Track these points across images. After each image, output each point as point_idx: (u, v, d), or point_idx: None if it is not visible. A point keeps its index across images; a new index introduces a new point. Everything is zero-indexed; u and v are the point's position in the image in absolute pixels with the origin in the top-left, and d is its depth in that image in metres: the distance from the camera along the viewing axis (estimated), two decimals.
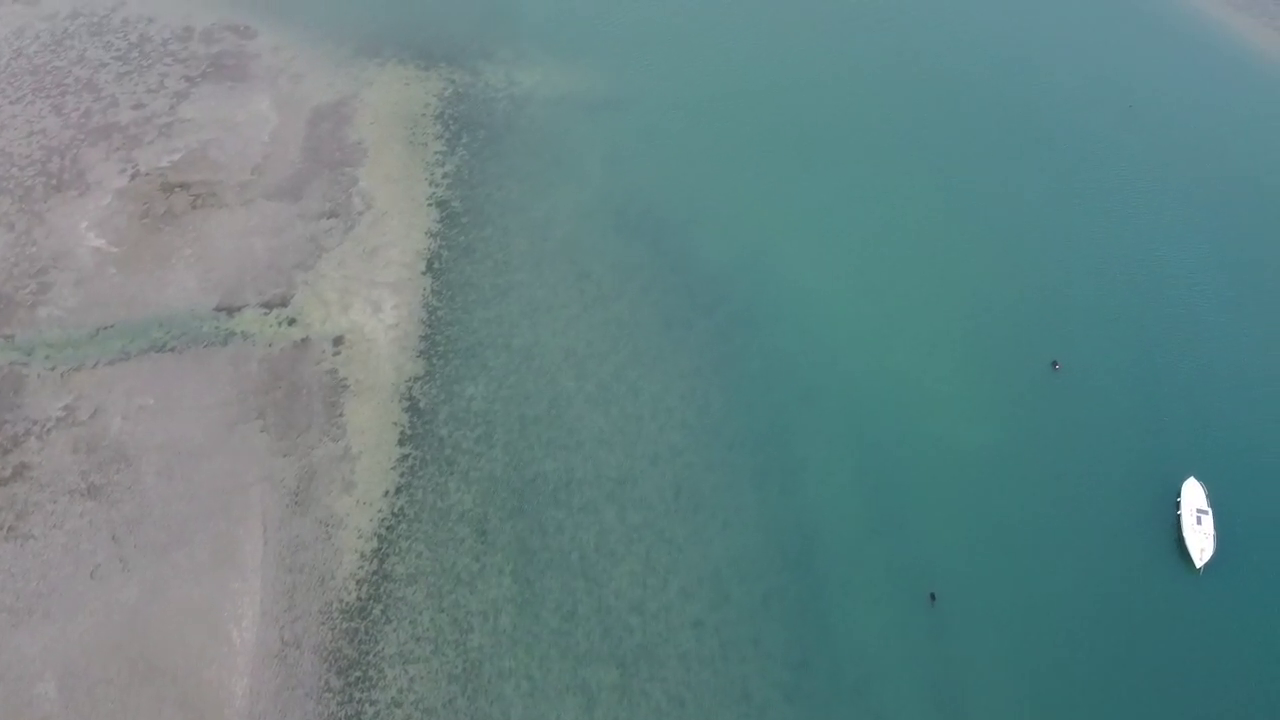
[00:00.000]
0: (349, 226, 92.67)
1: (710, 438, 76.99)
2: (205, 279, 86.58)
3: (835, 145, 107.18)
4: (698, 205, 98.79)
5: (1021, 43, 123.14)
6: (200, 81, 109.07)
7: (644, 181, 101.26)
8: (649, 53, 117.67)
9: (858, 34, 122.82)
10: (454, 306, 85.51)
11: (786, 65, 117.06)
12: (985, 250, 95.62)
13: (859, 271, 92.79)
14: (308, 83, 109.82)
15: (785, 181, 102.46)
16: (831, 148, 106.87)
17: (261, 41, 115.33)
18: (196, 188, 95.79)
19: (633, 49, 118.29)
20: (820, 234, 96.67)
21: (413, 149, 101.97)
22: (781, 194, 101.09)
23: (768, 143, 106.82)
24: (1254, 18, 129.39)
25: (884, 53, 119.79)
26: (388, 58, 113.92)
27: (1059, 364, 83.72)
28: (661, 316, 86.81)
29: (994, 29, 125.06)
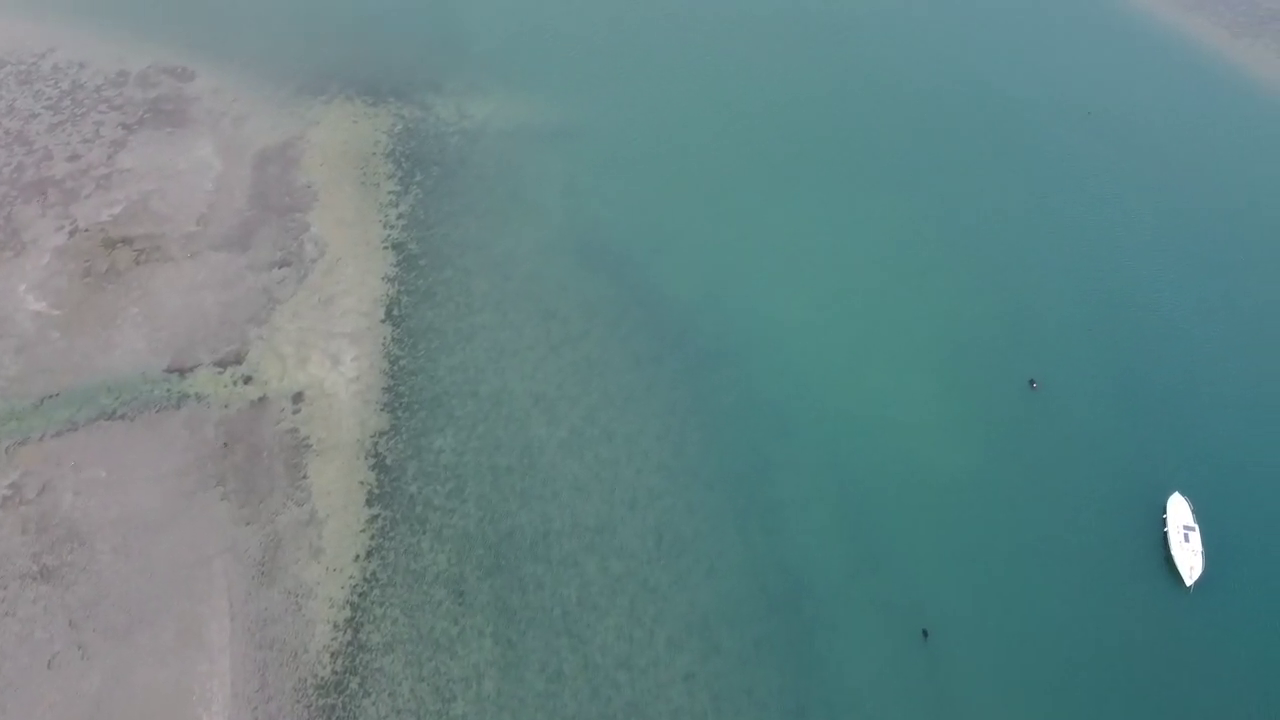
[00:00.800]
0: (302, 275, 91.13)
1: (689, 479, 76.45)
2: (154, 339, 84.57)
3: (797, 167, 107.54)
4: (662, 234, 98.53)
5: (977, 55, 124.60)
6: (138, 129, 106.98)
7: (605, 212, 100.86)
8: (604, 78, 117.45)
9: (815, 55, 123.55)
10: (417, 354, 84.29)
11: (746, 87, 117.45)
12: (955, 269, 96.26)
13: (828, 296, 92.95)
14: (251, 125, 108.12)
15: (749, 206, 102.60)
16: (793, 169, 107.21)
17: (200, 83, 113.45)
18: (140, 242, 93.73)
19: (587, 74, 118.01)
20: (787, 259, 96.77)
21: (365, 190, 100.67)
22: (745, 219, 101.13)
23: (730, 167, 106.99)
24: (1204, 18, 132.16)
25: (842, 72, 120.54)
26: (333, 94, 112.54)
27: (1036, 383, 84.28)
28: (631, 354, 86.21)
29: (949, 44, 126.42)
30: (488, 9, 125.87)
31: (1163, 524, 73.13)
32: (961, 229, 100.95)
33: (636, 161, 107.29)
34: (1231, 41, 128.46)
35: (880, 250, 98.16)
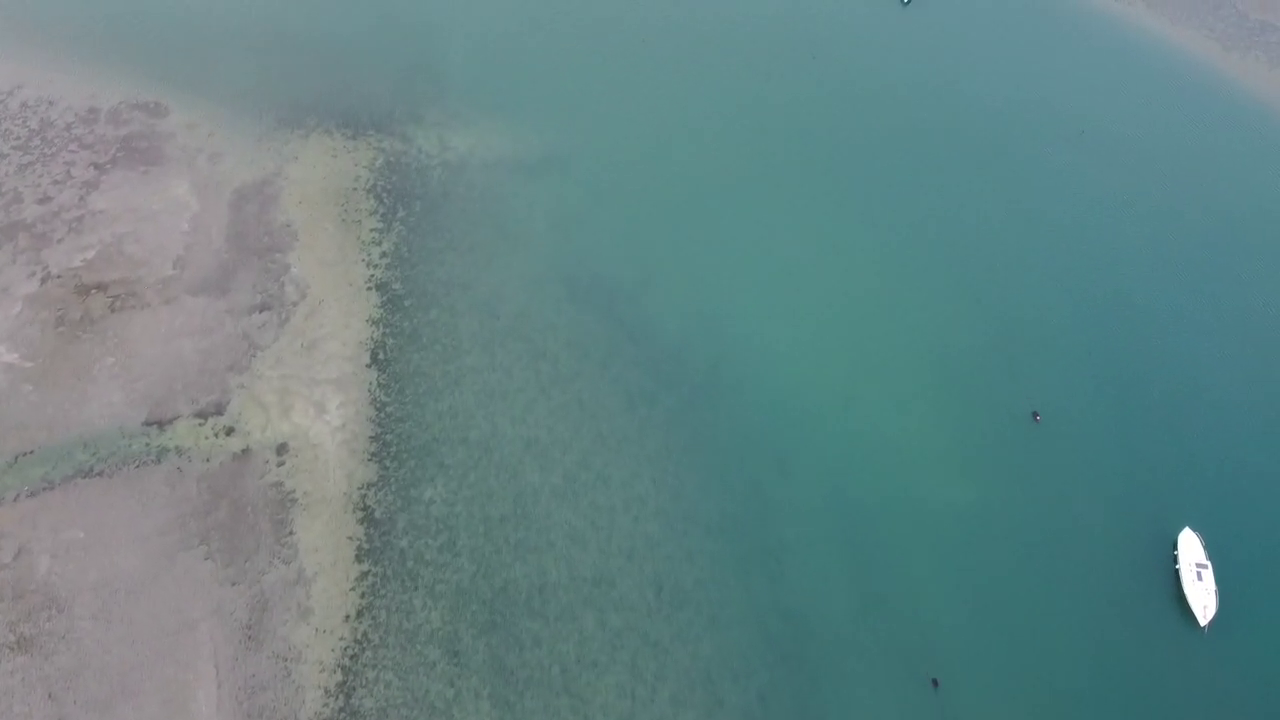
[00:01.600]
0: (284, 319, 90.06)
1: (687, 525, 75.71)
2: (131, 390, 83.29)
3: (787, 189, 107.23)
4: (651, 266, 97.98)
5: (966, 74, 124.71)
6: (110, 168, 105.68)
7: (593, 244, 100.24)
8: (588, 104, 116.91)
9: (803, 76, 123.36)
10: (404, 400, 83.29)
11: (733, 110, 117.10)
12: (951, 294, 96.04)
13: (823, 326, 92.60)
14: (228, 161, 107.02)
15: (739, 230, 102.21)
16: (784, 192, 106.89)
17: (174, 119, 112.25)
18: (114, 288, 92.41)
19: (571, 100, 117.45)
20: (779, 285, 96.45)
21: (346, 228, 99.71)
22: (736, 244, 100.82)
23: (719, 191, 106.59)
24: (1195, 30, 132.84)
25: (831, 93, 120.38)
26: (311, 128, 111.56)
27: (1039, 415, 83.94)
28: (624, 393, 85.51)
29: (937, 63, 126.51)
30: (468, 37, 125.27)
31: (1174, 560, 72.79)
32: (956, 252, 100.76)
33: (623, 189, 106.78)
34: (1223, 54, 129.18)
35: (874, 275, 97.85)
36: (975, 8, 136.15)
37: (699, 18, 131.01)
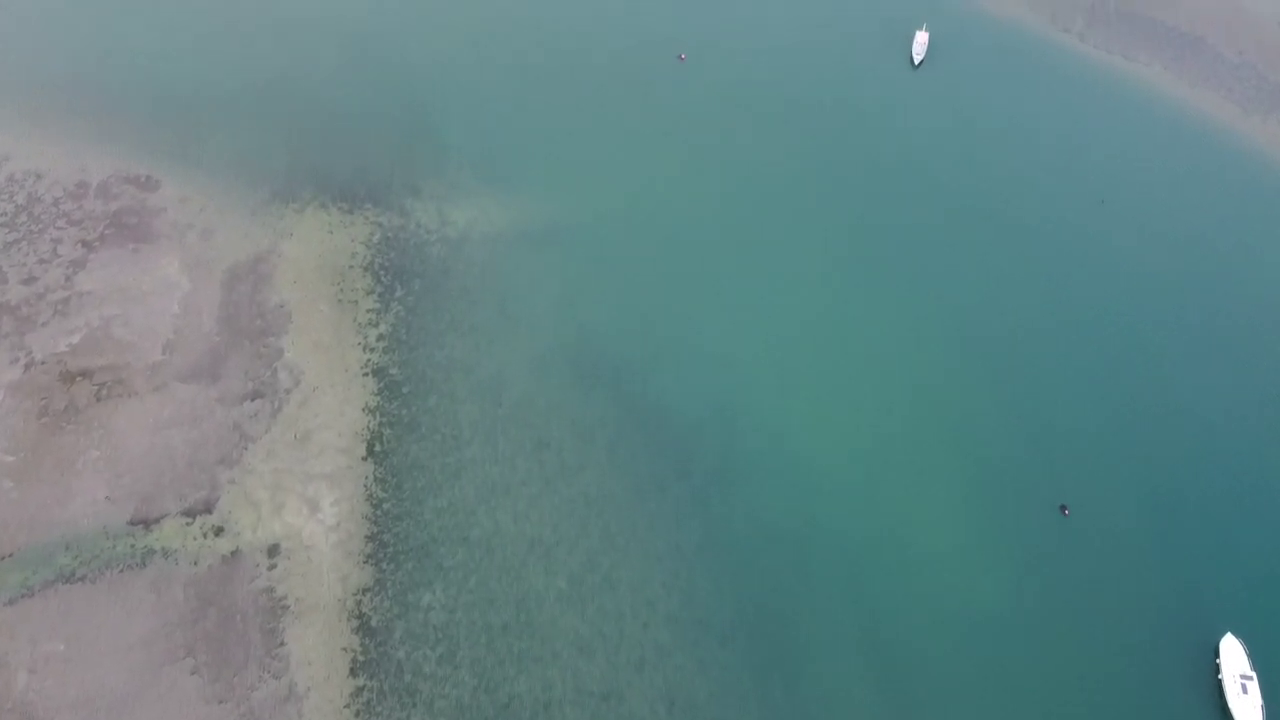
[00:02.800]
0: (276, 408, 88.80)
1: (699, 632, 73.81)
2: (116, 486, 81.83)
3: (800, 262, 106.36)
4: (659, 342, 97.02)
5: (984, 144, 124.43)
6: (99, 246, 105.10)
7: (599, 320, 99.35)
8: (592, 173, 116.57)
9: (815, 143, 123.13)
10: (401, 496, 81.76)
11: (743, 181, 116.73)
12: (974, 374, 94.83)
13: (840, 407, 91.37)
14: (220, 238, 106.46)
15: (751, 307, 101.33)
16: (797, 265, 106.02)
17: (165, 193, 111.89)
18: (101, 374, 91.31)
19: (574, 169, 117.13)
20: (794, 366, 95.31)
21: (342, 308, 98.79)
22: (748, 321, 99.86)
23: (728, 265, 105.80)
24: (1213, 93, 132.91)
25: (845, 163, 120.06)
26: (307, 202, 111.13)
27: (1067, 509, 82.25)
28: (632, 485, 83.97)
29: (952, 129, 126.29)
30: (466, 105, 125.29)
31: (1216, 670, 70.65)
32: (977, 328, 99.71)
33: (629, 260, 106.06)
34: (1243, 118, 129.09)
35: (892, 355, 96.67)
36: (987, 69, 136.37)
37: (705, 84, 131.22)
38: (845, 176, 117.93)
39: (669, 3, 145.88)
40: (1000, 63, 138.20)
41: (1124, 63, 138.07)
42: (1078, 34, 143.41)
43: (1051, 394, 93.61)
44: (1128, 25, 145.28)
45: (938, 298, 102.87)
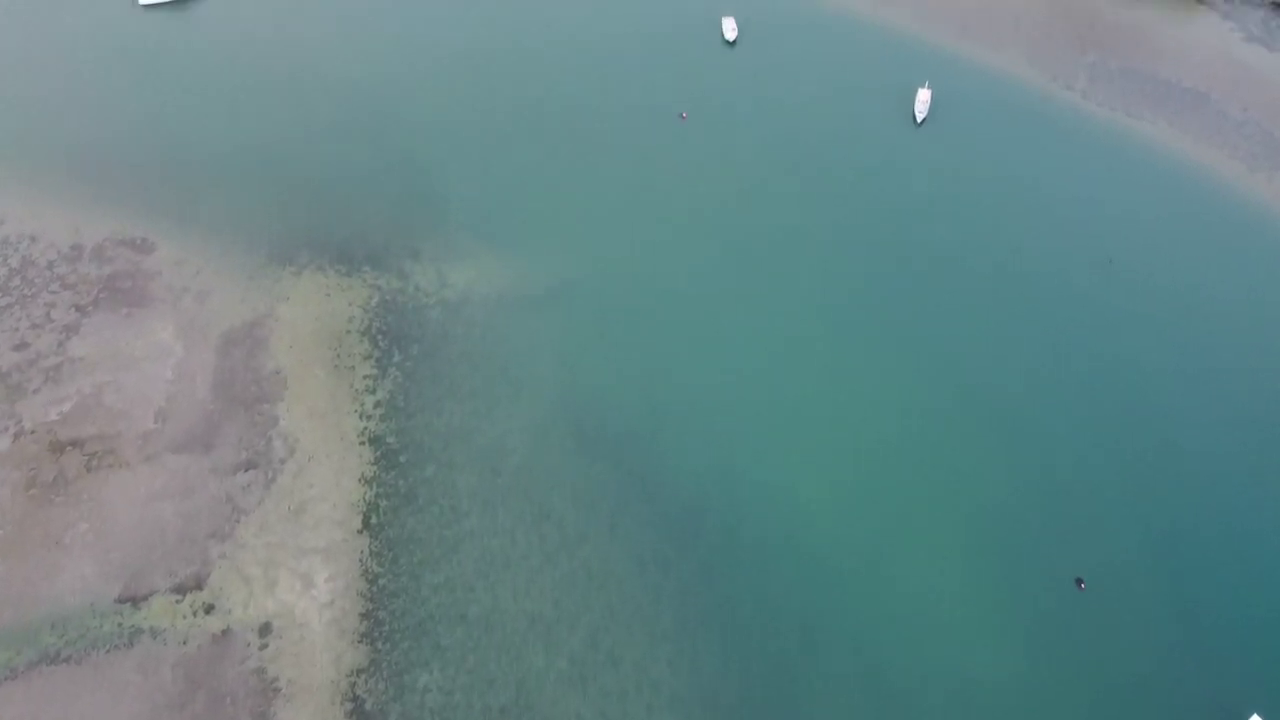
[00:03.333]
0: (270, 479, 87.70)
1: (707, 713, 72.14)
2: (105, 561, 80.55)
3: (806, 324, 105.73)
4: (662, 408, 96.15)
5: (987, 198, 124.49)
6: (92, 310, 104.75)
7: (601, 385, 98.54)
8: (593, 232, 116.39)
9: (820, 200, 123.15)
10: (398, 571, 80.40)
11: (744, 240, 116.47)
12: (983, 440, 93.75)
13: (848, 476, 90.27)
14: (215, 301, 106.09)
15: (756, 370, 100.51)
16: (802, 327, 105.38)
17: (160, 255, 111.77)
18: (91, 444, 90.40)
19: (575, 229, 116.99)
20: (800, 429, 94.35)
21: (339, 375, 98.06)
22: (753, 385, 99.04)
23: (732, 328, 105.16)
24: (1217, 150, 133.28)
25: (849, 220, 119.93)
26: (304, 264, 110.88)
27: (1083, 582, 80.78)
28: (635, 558, 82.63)
29: (957, 187, 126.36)
30: (466, 165, 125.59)
31: None
32: (986, 392, 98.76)
33: (631, 323, 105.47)
34: (1248, 175, 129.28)
35: (900, 420, 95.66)
36: (990, 127, 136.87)
37: (706, 142, 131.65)
38: (849, 235, 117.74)
39: (670, 61, 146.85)
40: (1003, 120, 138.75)
41: (1127, 120, 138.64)
42: (1080, 91, 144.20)
43: (1064, 460, 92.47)
44: (1130, 82, 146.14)
45: (945, 360, 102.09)
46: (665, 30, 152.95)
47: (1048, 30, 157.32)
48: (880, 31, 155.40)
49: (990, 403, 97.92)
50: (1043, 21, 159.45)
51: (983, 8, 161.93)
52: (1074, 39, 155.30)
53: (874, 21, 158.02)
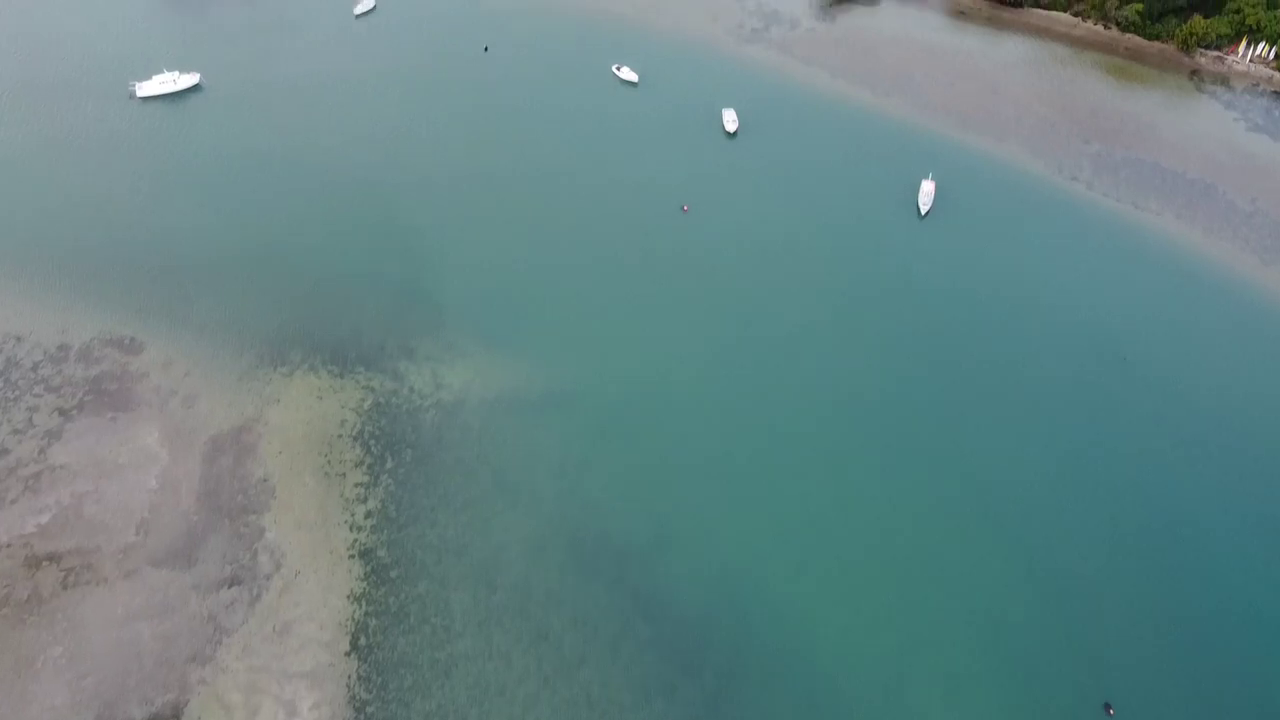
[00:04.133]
0: (255, 596, 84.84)
1: None
2: (78, 688, 77.33)
3: (813, 431, 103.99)
4: (665, 520, 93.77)
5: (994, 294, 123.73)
6: (76, 415, 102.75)
7: (601, 496, 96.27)
8: (593, 333, 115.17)
9: (822, 300, 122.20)
10: (386, 698, 77.21)
11: (748, 340, 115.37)
12: (999, 559, 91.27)
13: (861, 591, 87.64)
14: (203, 405, 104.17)
15: (762, 480, 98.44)
16: (809, 434, 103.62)
17: (149, 356, 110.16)
18: (69, 559, 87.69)
19: (574, 328, 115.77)
20: (809, 545, 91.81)
21: (329, 483, 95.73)
22: (760, 497, 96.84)
23: (738, 433, 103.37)
24: (1230, 243, 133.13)
25: (857, 319, 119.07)
26: (295, 365, 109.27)
27: (1112, 708, 77.53)
28: (637, 684, 79.45)
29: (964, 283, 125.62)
30: (463, 262, 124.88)
31: None
32: (1001, 500, 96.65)
33: (633, 428, 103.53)
34: (1261, 269, 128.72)
35: (912, 532, 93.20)
36: (995, 219, 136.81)
37: (709, 236, 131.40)
38: (855, 333, 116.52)
39: (671, 153, 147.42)
40: (1008, 212, 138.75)
41: (1135, 211, 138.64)
42: (1085, 182, 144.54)
43: (1086, 574, 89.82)
44: (1135, 172, 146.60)
45: (957, 464, 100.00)
46: (666, 123, 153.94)
47: (1049, 120, 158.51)
48: (881, 122, 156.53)
49: (1006, 509, 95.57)
50: (1044, 112, 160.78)
51: (983, 98, 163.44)
52: (1076, 129, 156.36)
53: (874, 112, 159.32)
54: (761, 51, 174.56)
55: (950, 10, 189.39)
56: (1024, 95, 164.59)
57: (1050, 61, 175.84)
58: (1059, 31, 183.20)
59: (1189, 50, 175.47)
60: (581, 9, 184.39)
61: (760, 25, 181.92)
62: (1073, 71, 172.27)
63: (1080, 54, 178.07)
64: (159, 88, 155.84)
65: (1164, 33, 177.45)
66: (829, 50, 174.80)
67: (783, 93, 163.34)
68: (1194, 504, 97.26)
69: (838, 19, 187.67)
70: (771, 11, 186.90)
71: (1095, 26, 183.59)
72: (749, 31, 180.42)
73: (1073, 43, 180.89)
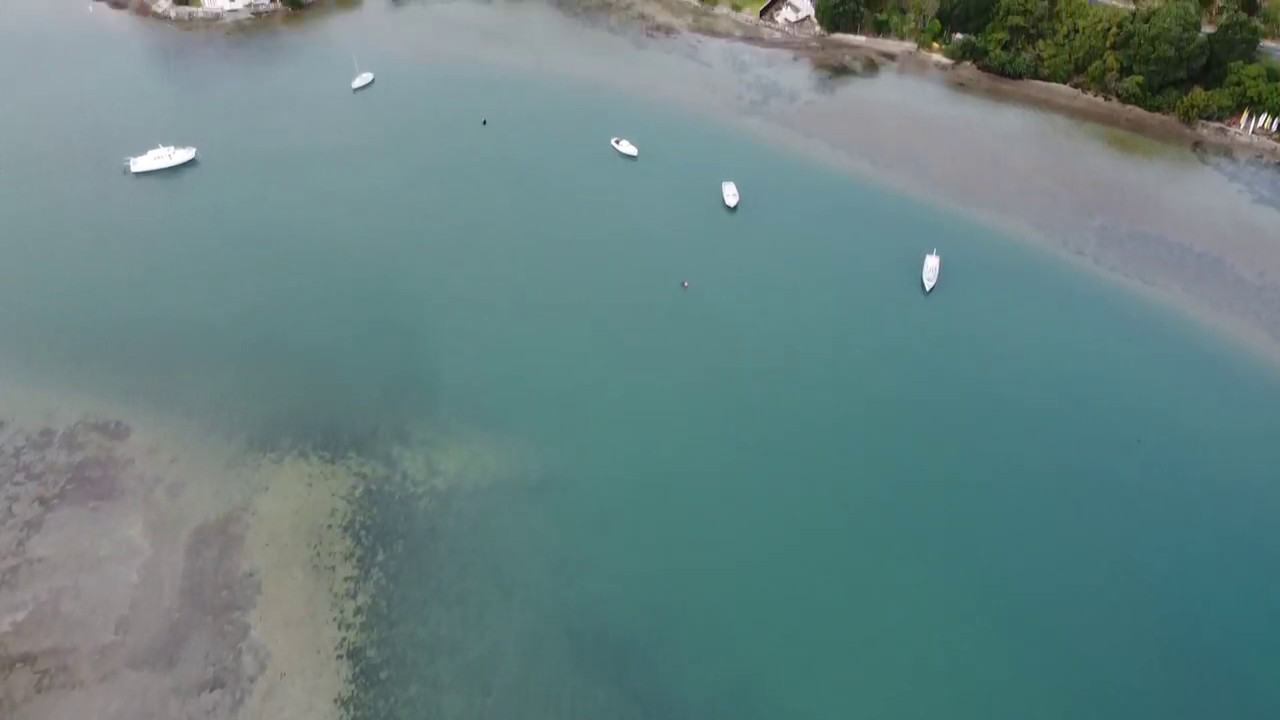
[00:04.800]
0: (238, 700, 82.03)
1: None
2: None
3: (821, 521, 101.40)
4: (668, 615, 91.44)
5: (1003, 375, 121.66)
6: (57, 504, 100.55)
7: (601, 588, 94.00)
8: (592, 416, 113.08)
9: (827, 377, 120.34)
10: None
11: (753, 420, 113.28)
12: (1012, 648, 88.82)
13: (873, 698, 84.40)
14: (189, 493, 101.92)
15: (768, 571, 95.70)
16: (817, 524, 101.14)
17: (135, 441, 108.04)
18: (44, 660, 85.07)
19: (573, 410, 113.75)
20: (819, 647, 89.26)
21: (317, 576, 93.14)
22: (765, 590, 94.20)
23: (741, 521, 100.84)
24: (1240, 319, 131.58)
25: (859, 401, 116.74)
26: (286, 450, 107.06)
27: None
28: None
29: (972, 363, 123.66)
30: (459, 341, 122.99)
31: None
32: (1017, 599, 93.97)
33: (633, 516, 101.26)
34: (1274, 345, 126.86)
35: (924, 630, 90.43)
36: (1001, 294, 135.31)
37: (710, 314, 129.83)
38: (861, 417, 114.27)
39: (670, 228, 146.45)
40: (1014, 287, 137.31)
41: (1143, 286, 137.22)
42: (1091, 256, 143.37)
43: (1105, 666, 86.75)
44: (1141, 245, 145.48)
45: (969, 559, 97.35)
46: (666, 196, 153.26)
47: (1053, 193, 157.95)
48: (882, 195, 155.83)
49: (1022, 605, 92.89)
50: (1047, 184, 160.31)
51: (985, 170, 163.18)
52: (1079, 202, 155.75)
53: (875, 185, 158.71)
54: (761, 124, 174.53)
55: (949, 81, 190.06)
56: (1026, 167, 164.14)
57: (1051, 133, 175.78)
58: (1059, 103, 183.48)
59: (1190, 122, 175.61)
60: (579, 81, 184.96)
61: (759, 97, 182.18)
62: (1075, 143, 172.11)
63: (1081, 125, 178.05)
64: (153, 163, 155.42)
65: (1165, 104, 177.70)
66: (829, 122, 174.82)
67: (783, 165, 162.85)
68: (1219, 597, 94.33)
69: (837, 91, 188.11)
70: (770, 83, 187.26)
71: (1095, 98, 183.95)
72: (748, 104, 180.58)
73: (1073, 114, 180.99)
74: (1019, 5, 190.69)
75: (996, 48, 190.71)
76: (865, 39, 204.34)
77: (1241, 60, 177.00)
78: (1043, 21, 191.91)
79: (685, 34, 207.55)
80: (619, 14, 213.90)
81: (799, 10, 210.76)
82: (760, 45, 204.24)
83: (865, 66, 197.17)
